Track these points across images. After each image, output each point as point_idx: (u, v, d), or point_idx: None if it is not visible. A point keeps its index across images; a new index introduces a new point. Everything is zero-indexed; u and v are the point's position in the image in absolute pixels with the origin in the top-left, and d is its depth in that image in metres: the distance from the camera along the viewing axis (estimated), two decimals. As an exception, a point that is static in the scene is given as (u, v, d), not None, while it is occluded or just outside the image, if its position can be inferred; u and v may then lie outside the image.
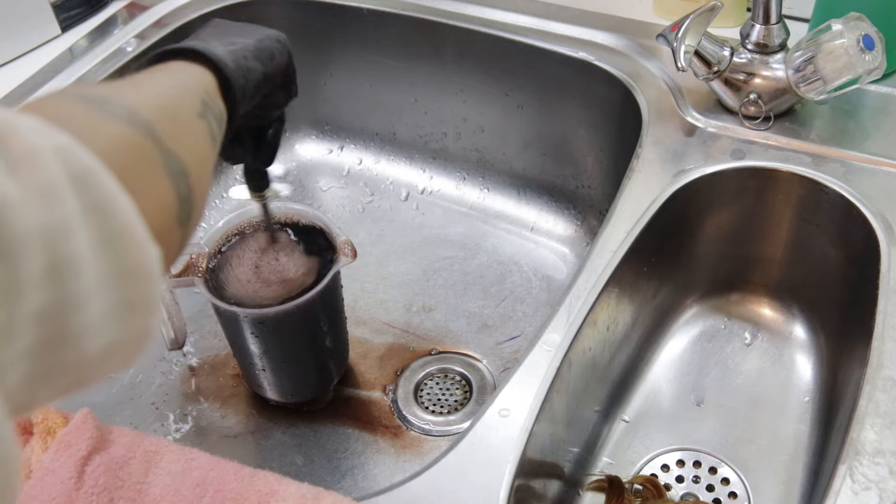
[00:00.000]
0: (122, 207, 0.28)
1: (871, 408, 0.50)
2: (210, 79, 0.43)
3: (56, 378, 0.27)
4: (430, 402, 0.74)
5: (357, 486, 0.68)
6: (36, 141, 0.26)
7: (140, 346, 0.30)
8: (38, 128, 0.27)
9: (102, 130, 0.31)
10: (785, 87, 0.67)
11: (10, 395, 0.24)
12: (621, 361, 0.69)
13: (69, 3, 0.89)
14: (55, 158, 0.26)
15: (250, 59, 0.47)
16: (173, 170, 0.34)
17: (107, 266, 0.27)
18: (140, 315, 0.29)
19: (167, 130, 0.34)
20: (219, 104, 0.42)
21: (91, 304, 0.26)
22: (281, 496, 0.48)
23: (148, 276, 0.29)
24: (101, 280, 0.27)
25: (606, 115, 0.81)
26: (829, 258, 0.68)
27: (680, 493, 0.64)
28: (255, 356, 0.67)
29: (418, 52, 0.89)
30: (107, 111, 0.32)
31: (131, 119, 0.33)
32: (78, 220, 0.26)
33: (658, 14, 0.85)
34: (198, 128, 0.39)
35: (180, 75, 0.41)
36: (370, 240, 0.90)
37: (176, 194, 0.34)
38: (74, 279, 0.25)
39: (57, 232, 0.25)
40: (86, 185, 0.27)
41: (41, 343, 0.25)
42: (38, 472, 0.50)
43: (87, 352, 0.27)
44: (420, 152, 0.95)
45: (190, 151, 0.36)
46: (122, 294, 0.28)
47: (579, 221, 0.88)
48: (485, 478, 0.49)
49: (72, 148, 0.27)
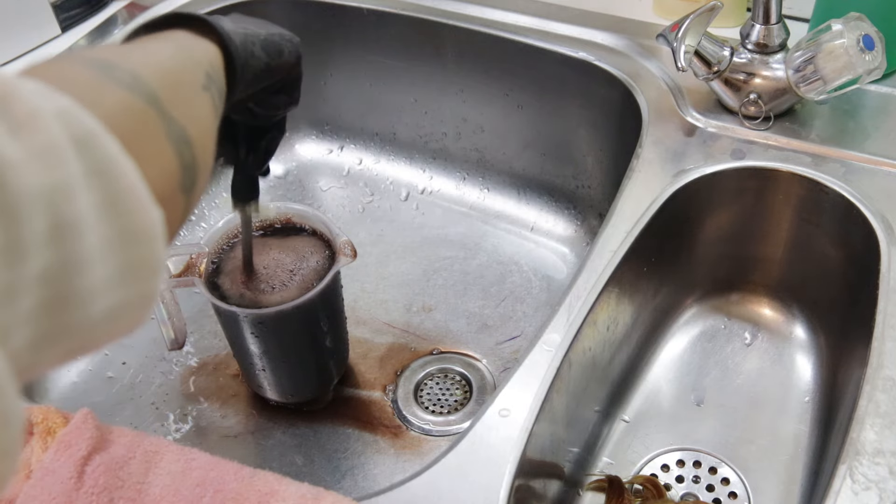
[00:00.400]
0: (125, 170, 0.28)
1: (871, 408, 0.50)
2: (216, 54, 0.42)
3: (61, 341, 0.27)
4: (430, 402, 0.74)
5: (357, 486, 0.68)
6: (38, 103, 0.26)
7: (144, 310, 0.30)
8: (40, 90, 0.27)
9: (106, 95, 0.31)
10: (785, 87, 0.67)
11: (14, 357, 0.24)
12: (621, 361, 0.69)
13: (69, 3, 0.89)
14: (57, 121, 0.26)
15: (258, 46, 0.46)
16: (176, 137, 0.34)
17: (109, 228, 0.27)
18: (144, 278, 0.29)
19: (171, 99, 0.34)
20: (221, 80, 0.42)
21: (94, 266, 0.26)
22: (281, 496, 0.48)
23: (151, 239, 0.29)
24: (104, 242, 0.27)
25: (606, 115, 0.81)
26: (829, 258, 0.68)
27: (680, 493, 0.64)
28: (255, 356, 0.67)
29: (418, 52, 0.89)
30: (111, 76, 0.32)
31: (135, 85, 0.33)
32: (80, 182, 0.26)
33: (658, 14, 0.85)
34: (202, 99, 0.38)
35: (187, 46, 0.41)
36: (370, 240, 0.90)
37: (179, 161, 0.34)
38: (77, 241, 0.26)
39: (59, 193, 0.25)
40: (88, 148, 0.27)
41: (45, 305, 0.25)
42: (38, 472, 0.50)
43: (91, 314, 0.27)
44: (420, 152, 0.95)
45: (193, 121, 0.36)
46: (125, 256, 0.28)
47: (579, 221, 0.88)
48: (485, 478, 0.49)
49: (74, 111, 0.27)
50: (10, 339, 0.24)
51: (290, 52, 0.50)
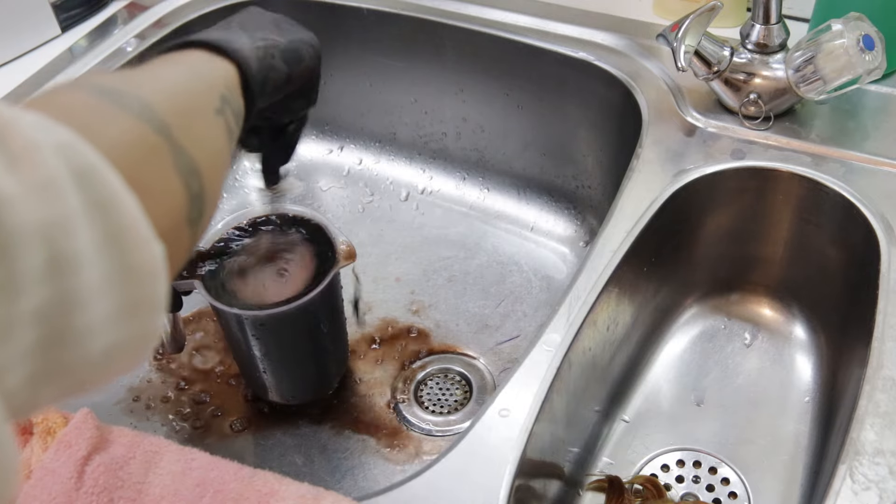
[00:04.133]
0: (126, 205, 0.27)
1: (871, 408, 0.50)
2: (232, 73, 0.42)
3: (58, 379, 0.26)
4: (430, 402, 0.74)
5: (357, 486, 0.68)
6: (36, 136, 0.25)
7: (145, 348, 0.30)
8: (39, 123, 0.26)
9: (113, 124, 0.31)
10: (785, 87, 0.67)
11: (10, 396, 0.23)
12: (621, 361, 0.69)
13: (69, 3, 0.89)
14: (56, 154, 0.25)
15: (277, 58, 0.45)
16: (185, 168, 0.33)
17: (109, 264, 0.26)
18: (144, 315, 0.29)
19: (181, 126, 0.34)
20: (238, 99, 0.42)
21: (93, 303, 0.26)
22: (281, 496, 0.48)
23: (152, 276, 0.28)
24: (104, 279, 0.26)
25: (606, 115, 0.81)
26: (829, 258, 0.68)
27: (680, 493, 0.64)
28: (255, 358, 0.67)
29: (418, 52, 0.89)
30: (120, 104, 0.32)
31: (144, 113, 0.32)
32: (79, 217, 0.25)
33: (658, 14, 0.85)
34: (214, 125, 0.38)
35: (200, 68, 0.41)
36: (370, 240, 0.90)
37: (187, 193, 0.33)
38: (75, 276, 0.25)
39: (56, 227, 0.24)
40: (88, 182, 0.26)
41: (41, 343, 0.24)
42: (38, 472, 0.50)
43: (90, 352, 0.26)
44: (420, 152, 0.95)
45: (204, 149, 0.35)
46: (124, 293, 0.27)
47: (579, 221, 0.88)
48: (485, 478, 0.49)
49: (74, 144, 0.27)
50: (6, 377, 0.23)
51: (311, 57, 0.49)
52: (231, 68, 0.42)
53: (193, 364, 0.78)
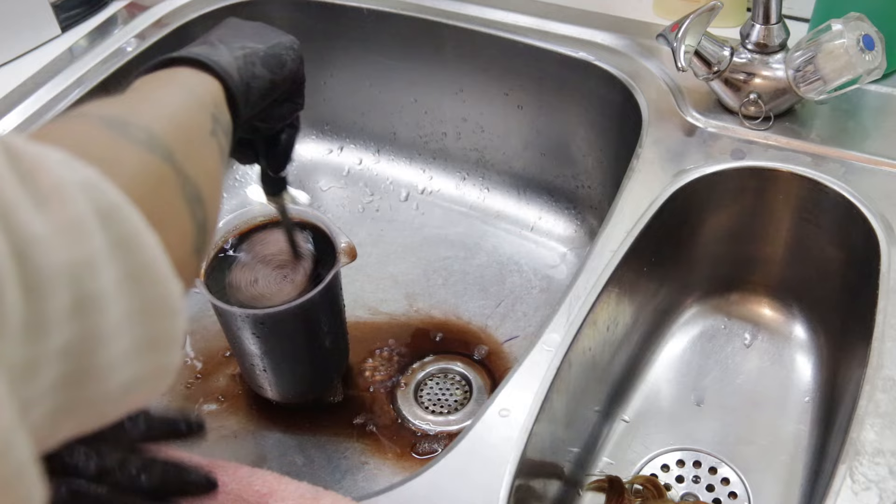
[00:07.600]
0: (148, 243, 0.28)
1: (871, 408, 0.50)
2: (217, 88, 0.42)
3: (78, 413, 0.27)
4: (430, 402, 0.74)
5: (357, 486, 0.68)
6: (63, 175, 0.26)
7: (163, 382, 0.30)
8: (65, 161, 0.27)
9: (125, 158, 0.31)
10: (785, 87, 0.67)
11: (33, 430, 0.23)
12: (621, 361, 0.69)
13: (69, 3, 0.89)
14: (82, 193, 0.26)
15: (258, 65, 0.46)
16: (191, 196, 0.34)
17: (131, 302, 0.27)
18: (162, 351, 0.29)
19: (184, 152, 0.34)
20: (226, 114, 0.42)
21: (115, 340, 0.26)
22: (280, 496, 0.48)
23: (172, 312, 0.29)
24: (125, 316, 0.27)
25: (606, 115, 0.81)
26: (829, 258, 0.68)
27: (680, 493, 0.63)
28: (255, 356, 0.67)
29: (418, 52, 0.89)
30: (128, 135, 0.32)
31: (151, 143, 0.33)
32: (104, 256, 0.26)
33: (658, 14, 0.85)
34: (210, 147, 0.38)
35: (191, 86, 0.41)
36: (370, 240, 0.90)
37: (193, 222, 0.34)
38: (99, 315, 0.25)
39: (84, 267, 0.25)
40: (112, 221, 0.27)
41: (65, 379, 0.25)
42: (37, 472, 0.50)
43: (110, 387, 0.27)
44: (420, 152, 0.96)
45: (204, 174, 0.36)
46: (145, 330, 0.28)
47: (579, 221, 0.88)
48: (485, 478, 0.49)
49: (98, 182, 0.27)
50: (31, 413, 0.24)
51: (293, 61, 0.49)
52: (215, 83, 0.42)
53: (193, 363, 0.78)
